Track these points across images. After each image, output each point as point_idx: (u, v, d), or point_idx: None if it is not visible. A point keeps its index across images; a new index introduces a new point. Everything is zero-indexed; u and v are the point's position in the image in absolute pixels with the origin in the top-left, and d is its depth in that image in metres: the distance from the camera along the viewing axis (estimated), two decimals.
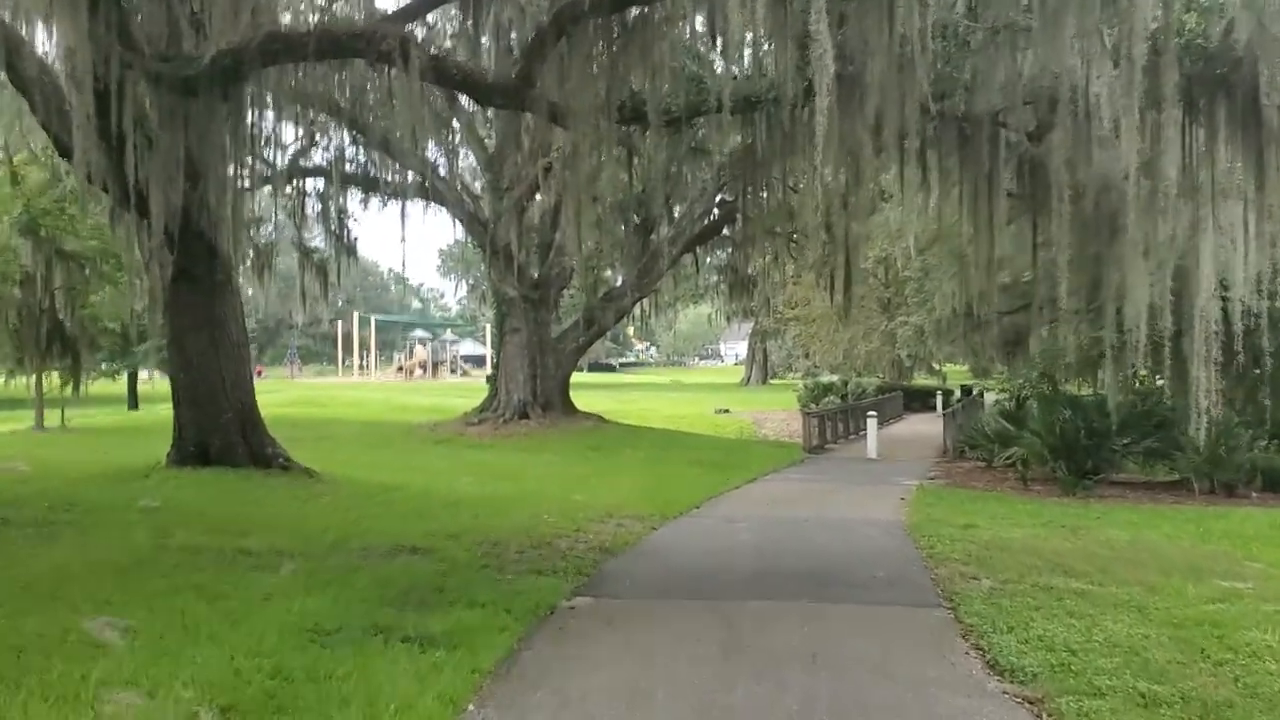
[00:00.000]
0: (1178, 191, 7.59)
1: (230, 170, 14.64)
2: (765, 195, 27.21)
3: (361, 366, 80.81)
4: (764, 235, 32.01)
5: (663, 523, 13.18)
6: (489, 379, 30.46)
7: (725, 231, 32.32)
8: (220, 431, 14.03)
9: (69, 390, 26.37)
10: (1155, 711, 5.64)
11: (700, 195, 27.68)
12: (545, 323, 27.49)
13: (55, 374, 26.52)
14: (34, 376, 25.40)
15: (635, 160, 20.33)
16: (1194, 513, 14.94)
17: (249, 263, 31.74)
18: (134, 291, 15.99)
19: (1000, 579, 9.35)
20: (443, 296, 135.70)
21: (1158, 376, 20.17)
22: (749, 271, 37.66)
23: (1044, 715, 5.67)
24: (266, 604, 7.44)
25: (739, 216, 31.09)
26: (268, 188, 31.96)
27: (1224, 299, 9.76)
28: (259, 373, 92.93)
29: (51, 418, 26.44)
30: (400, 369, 78.83)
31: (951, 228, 29.10)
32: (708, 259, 40.83)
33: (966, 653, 6.90)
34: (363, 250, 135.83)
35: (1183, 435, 17.54)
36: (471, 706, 5.62)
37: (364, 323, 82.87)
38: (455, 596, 8.14)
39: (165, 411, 36.24)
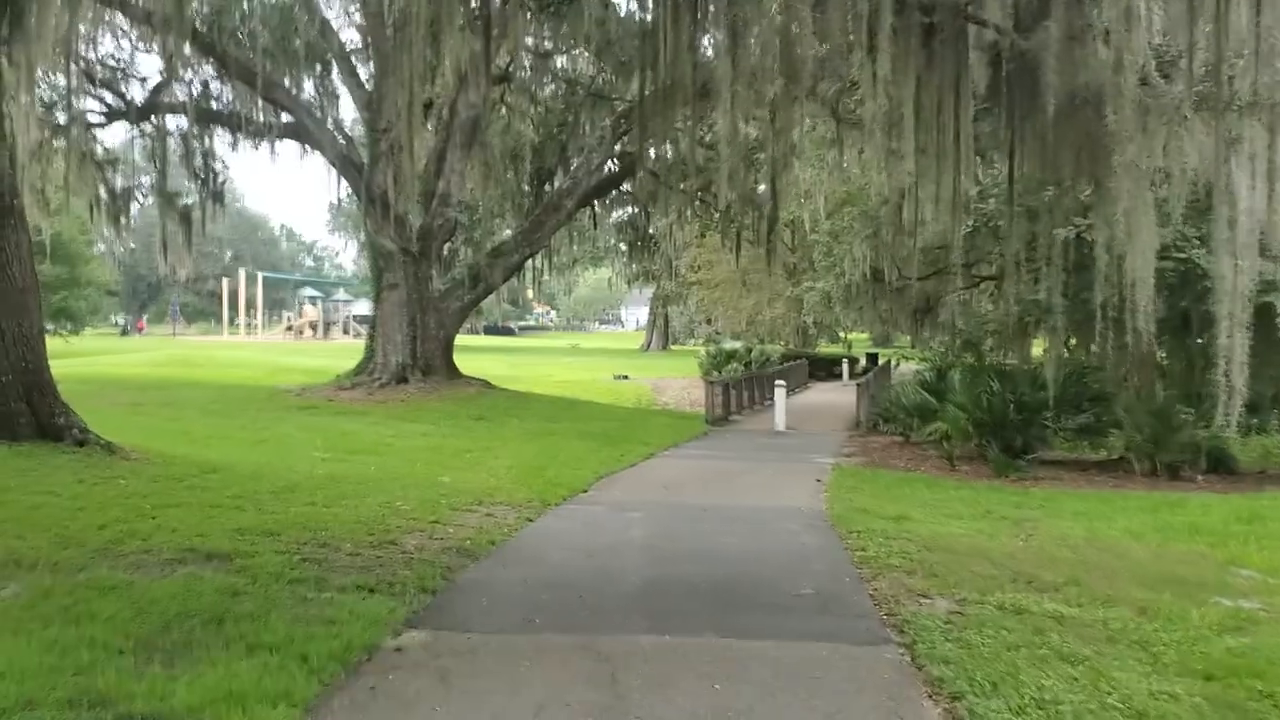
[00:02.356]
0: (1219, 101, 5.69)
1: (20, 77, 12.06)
2: (671, 146, 25.06)
3: (249, 325, 77.19)
4: (667, 192, 30.07)
5: (542, 512, 11.04)
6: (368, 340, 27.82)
7: (625, 186, 30.15)
8: None
9: None
10: None
11: (599, 144, 25.41)
12: (426, 279, 24.94)
13: None
14: None
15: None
16: (1143, 500, 13.31)
17: (103, 207, 28.70)
18: None
19: (956, 597, 7.44)
20: (337, 255, 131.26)
21: (1089, 347, 18.63)
22: (650, 231, 35.69)
23: None
24: None
25: (639, 169, 29.03)
26: (122, 124, 28.92)
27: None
28: (140, 328, 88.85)
29: None
30: (289, 328, 75.48)
31: (861, 190, 27.45)
32: (608, 219, 38.70)
33: None
34: (251, 204, 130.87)
35: (1125, 412, 16.04)
36: None
37: (252, 280, 78.92)
38: (238, 633, 5.91)
39: None
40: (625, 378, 38.13)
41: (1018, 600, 7.28)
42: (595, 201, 30.23)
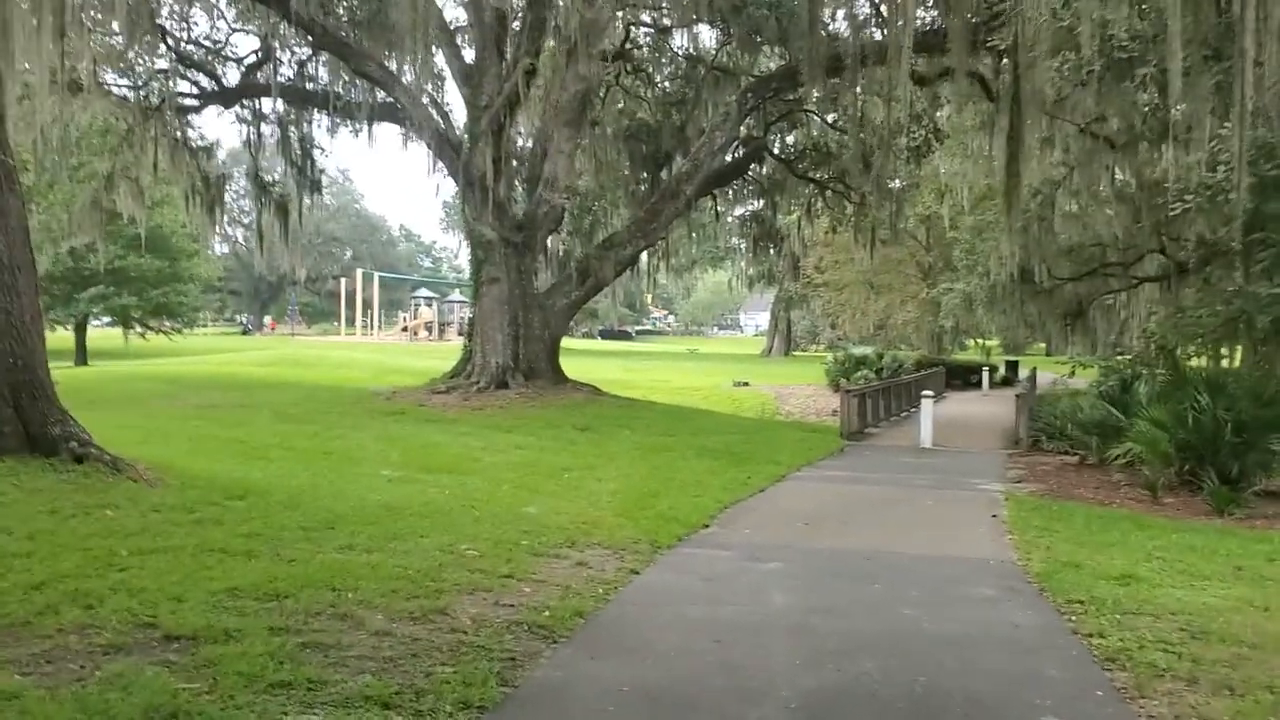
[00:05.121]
0: None
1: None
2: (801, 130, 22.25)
3: (365, 326, 76.93)
4: (795, 181, 27.31)
5: (650, 559, 8.49)
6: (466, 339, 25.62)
7: (750, 173, 27.42)
8: None
9: None
10: None
11: (723, 122, 22.73)
12: (530, 273, 22.60)
13: None
14: None
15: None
16: None
17: (198, 196, 27.12)
18: None
19: None
20: (456, 256, 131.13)
21: None
22: (776, 225, 32.93)
23: None
24: None
25: (766, 154, 26.29)
26: (216, 108, 27.34)
27: None
28: (271, 327, 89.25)
29: None
30: (404, 329, 74.98)
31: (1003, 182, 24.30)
32: (730, 214, 36.07)
33: None
34: (371, 205, 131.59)
35: None
36: None
37: (369, 280, 78.58)
38: None
39: (119, 369, 31.58)
40: (745, 384, 35.51)
41: None
42: (717, 191, 27.62)
